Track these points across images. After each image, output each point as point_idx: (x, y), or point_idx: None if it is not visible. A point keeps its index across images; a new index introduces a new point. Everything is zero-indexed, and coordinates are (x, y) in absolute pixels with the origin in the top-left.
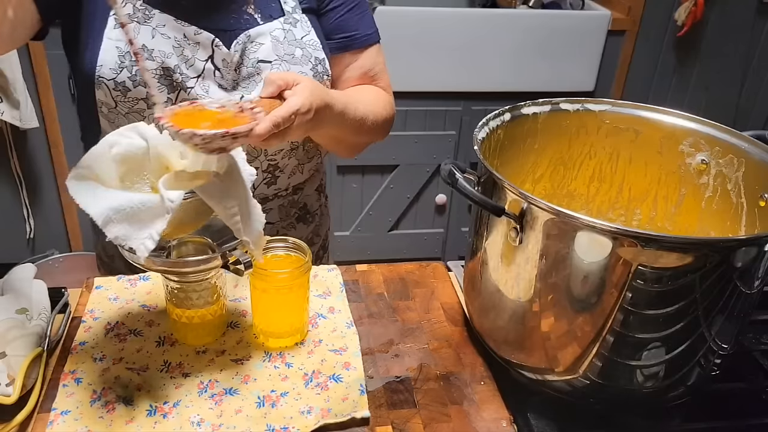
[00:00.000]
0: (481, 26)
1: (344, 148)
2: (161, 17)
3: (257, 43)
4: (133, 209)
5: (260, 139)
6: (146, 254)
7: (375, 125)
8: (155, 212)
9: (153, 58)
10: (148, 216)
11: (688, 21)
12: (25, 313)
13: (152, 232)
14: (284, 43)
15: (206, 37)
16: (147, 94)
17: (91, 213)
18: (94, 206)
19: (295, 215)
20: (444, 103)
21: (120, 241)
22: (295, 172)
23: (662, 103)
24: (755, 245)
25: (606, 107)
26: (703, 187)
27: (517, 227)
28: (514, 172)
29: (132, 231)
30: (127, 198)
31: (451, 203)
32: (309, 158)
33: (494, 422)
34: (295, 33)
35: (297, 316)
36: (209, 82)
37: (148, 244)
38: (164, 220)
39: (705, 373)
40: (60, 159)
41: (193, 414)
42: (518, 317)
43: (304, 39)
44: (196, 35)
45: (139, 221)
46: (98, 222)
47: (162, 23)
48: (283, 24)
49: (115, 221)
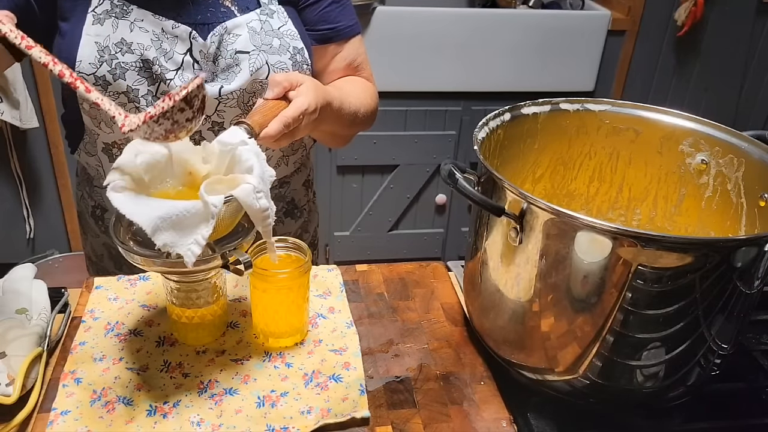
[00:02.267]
0: (481, 26)
1: (337, 140)
2: (139, 12)
3: (234, 34)
4: (179, 216)
5: (272, 140)
6: (194, 259)
7: (365, 117)
8: (200, 218)
9: (132, 51)
10: (193, 222)
11: (688, 21)
12: (25, 313)
13: (198, 237)
14: (261, 33)
15: (183, 30)
16: (127, 89)
17: (140, 222)
18: (141, 215)
19: (283, 210)
20: (444, 103)
21: (168, 248)
22: (280, 164)
23: (662, 103)
24: (755, 245)
25: (606, 107)
26: (703, 187)
27: (517, 227)
28: (514, 172)
29: (178, 237)
30: (172, 205)
31: (451, 203)
32: (293, 150)
33: (494, 422)
34: (272, 23)
35: (297, 316)
36: (189, 74)
37: (194, 249)
38: (209, 224)
39: (705, 373)
40: (60, 159)
41: (193, 414)
42: (518, 317)
43: (282, 29)
44: (174, 29)
45: (184, 227)
46: (147, 230)
47: (140, 18)
48: (260, 15)
49: (163, 229)
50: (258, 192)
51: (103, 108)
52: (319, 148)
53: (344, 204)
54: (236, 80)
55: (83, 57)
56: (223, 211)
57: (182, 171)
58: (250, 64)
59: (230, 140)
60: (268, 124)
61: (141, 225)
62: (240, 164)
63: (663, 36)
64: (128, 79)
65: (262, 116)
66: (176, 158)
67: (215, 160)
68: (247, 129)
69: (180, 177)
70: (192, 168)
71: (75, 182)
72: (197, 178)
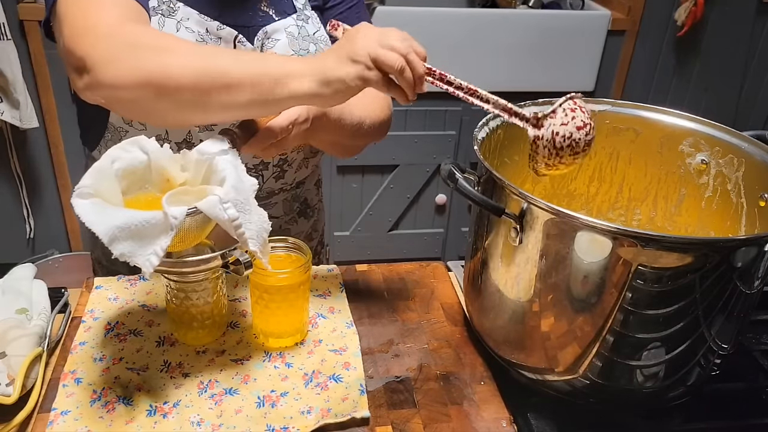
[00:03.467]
0: (481, 26)
1: (342, 150)
2: (185, 11)
3: (273, 39)
4: (138, 227)
5: (259, 149)
6: (151, 270)
7: (372, 128)
8: (159, 229)
9: None
10: (152, 233)
11: (688, 21)
12: (25, 313)
13: (156, 248)
14: (299, 38)
15: (228, 33)
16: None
17: (97, 231)
18: (100, 224)
19: (297, 209)
20: (444, 103)
21: (125, 258)
22: (301, 167)
23: (662, 103)
24: (755, 245)
25: (606, 107)
26: (703, 187)
27: (517, 227)
28: (514, 172)
29: (137, 248)
30: (132, 216)
31: (451, 203)
32: (313, 154)
33: (494, 422)
34: (308, 29)
35: (297, 316)
36: None
37: (153, 260)
38: (168, 236)
39: (705, 373)
40: (60, 159)
41: (193, 414)
42: (518, 317)
43: (316, 35)
44: (219, 30)
45: (143, 238)
46: (104, 240)
47: (186, 17)
48: (296, 20)
49: (121, 239)
50: (225, 203)
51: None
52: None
53: (344, 204)
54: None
55: None
56: (188, 222)
57: (160, 178)
58: None
59: (209, 149)
60: (256, 133)
61: (98, 234)
62: (215, 174)
63: (663, 36)
64: None
65: (249, 125)
66: (154, 165)
67: (192, 168)
68: (232, 136)
69: (158, 184)
70: (170, 176)
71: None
72: (174, 185)
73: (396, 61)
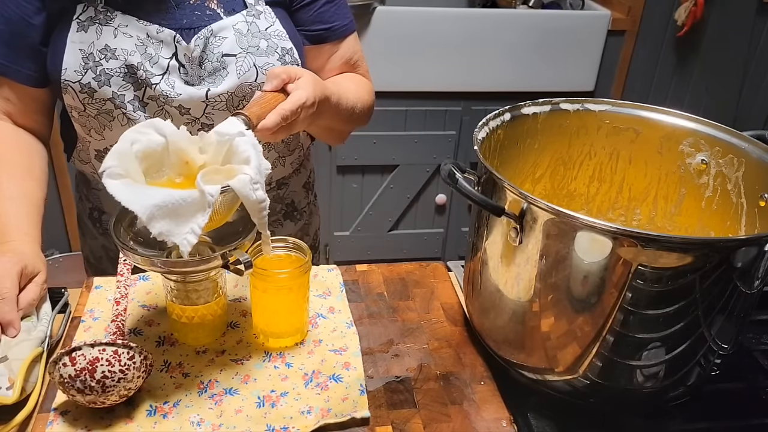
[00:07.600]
0: (481, 26)
1: (334, 136)
2: (123, 18)
3: (220, 37)
4: (175, 205)
5: (269, 132)
6: (189, 248)
7: (362, 112)
8: (196, 207)
9: (116, 57)
10: (189, 211)
11: (688, 21)
12: (31, 321)
13: (194, 226)
14: (248, 35)
15: (168, 34)
16: (112, 96)
17: (135, 210)
18: (136, 203)
19: (282, 212)
20: (444, 103)
21: (164, 237)
22: (277, 165)
23: (662, 103)
24: (755, 245)
25: (606, 107)
26: (703, 187)
27: (517, 227)
28: (514, 172)
29: (174, 226)
30: (169, 194)
31: (451, 203)
32: (290, 151)
33: (494, 422)
34: (258, 25)
35: (297, 316)
36: (174, 78)
37: (190, 239)
38: (205, 214)
39: (705, 373)
40: (60, 159)
41: (193, 414)
42: (518, 317)
43: (269, 30)
44: (158, 33)
45: (180, 216)
46: (143, 218)
47: (124, 23)
48: (246, 17)
49: (159, 217)
50: (255, 183)
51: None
52: (319, 148)
53: (344, 204)
54: (224, 83)
55: (68, 65)
56: (219, 201)
57: (178, 161)
58: (237, 67)
59: (228, 131)
60: (266, 116)
61: (136, 212)
62: (237, 155)
63: (663, 36)
64: (113, 86)
65: (259, 108)
66: (172, 148)
67: (212, 150)
68: (244, 120)
69: (176, 167)
70: (188, 158)
71: (74, 184)
72: (194, 168)
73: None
